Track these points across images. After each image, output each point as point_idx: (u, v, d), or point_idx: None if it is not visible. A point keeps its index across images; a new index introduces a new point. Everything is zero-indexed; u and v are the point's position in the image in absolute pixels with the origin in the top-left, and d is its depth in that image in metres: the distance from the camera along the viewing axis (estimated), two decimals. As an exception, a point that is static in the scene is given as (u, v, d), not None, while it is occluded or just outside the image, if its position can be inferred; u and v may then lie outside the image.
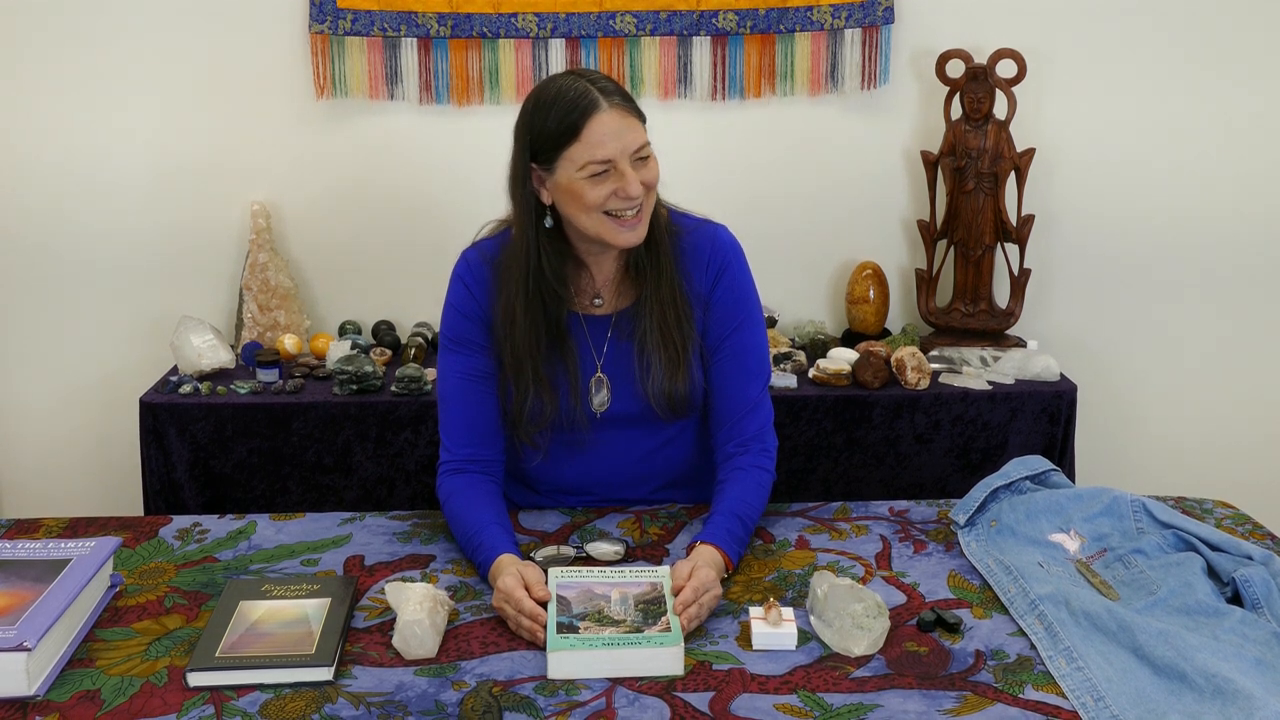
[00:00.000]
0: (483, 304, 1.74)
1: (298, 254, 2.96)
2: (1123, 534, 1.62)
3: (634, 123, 1.62)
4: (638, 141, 1.62)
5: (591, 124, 1.59)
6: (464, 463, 1.73)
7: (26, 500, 3.07)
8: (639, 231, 1.65)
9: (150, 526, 1.74)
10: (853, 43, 2.84)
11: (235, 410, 2.54)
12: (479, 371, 1.74)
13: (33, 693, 1.29)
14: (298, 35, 2.81)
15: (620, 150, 1.60)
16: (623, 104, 1.62)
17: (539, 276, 1.68)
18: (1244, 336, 3.04)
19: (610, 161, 1.60)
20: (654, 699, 1.29)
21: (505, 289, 1.70)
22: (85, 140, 2.86)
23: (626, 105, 1.63)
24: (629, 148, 1.61)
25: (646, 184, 1.63)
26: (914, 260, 2.99)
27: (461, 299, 1.75)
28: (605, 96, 1.61)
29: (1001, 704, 1.28)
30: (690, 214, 1.80)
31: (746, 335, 1.77)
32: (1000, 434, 2.61)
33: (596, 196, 1.61)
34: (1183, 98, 2.89)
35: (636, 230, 1.65)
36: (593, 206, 1.62)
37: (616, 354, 1.75)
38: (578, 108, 1.60)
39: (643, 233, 1.66)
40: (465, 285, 1.75)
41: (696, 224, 1.78)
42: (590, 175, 1.60)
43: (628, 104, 1.63)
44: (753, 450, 1.74)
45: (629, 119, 1.62)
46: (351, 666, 1.36)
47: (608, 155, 1.59)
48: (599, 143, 1.59)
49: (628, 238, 1.65)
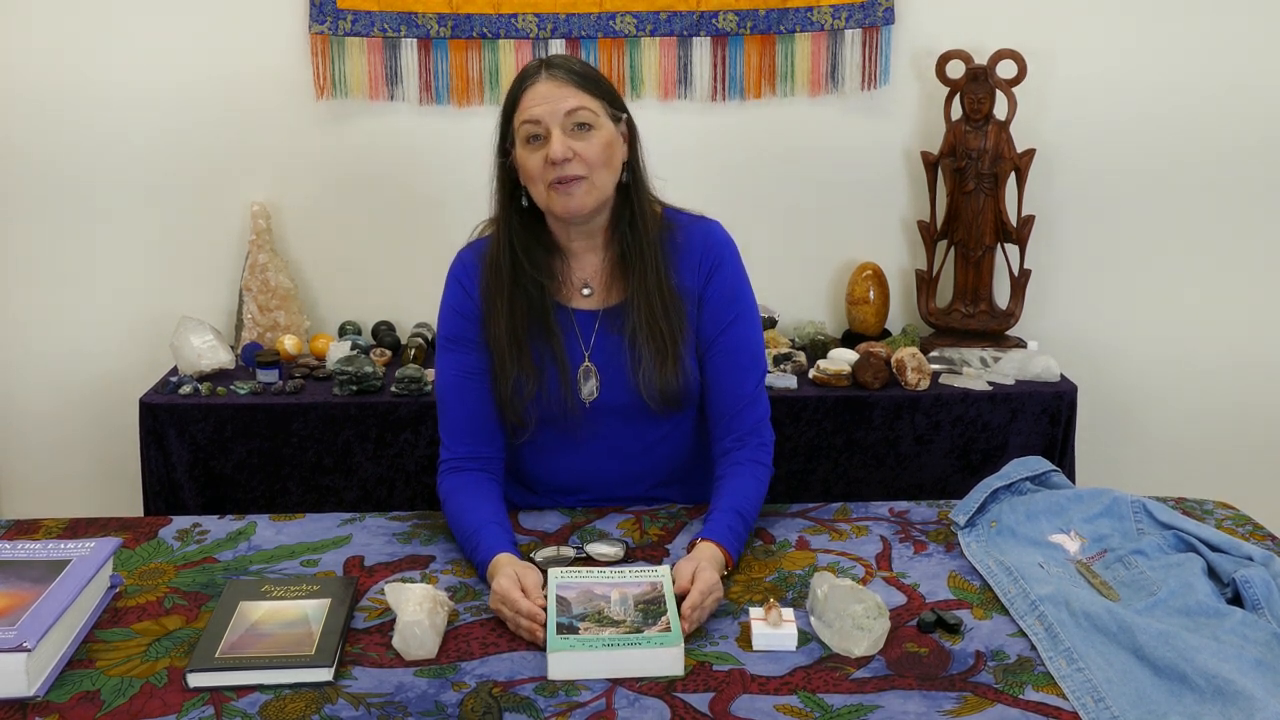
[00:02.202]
0: (478, 302, 1.75)
1: (298, 254, 2.96)
2: (1123, 535, 1.62)
3: (570, 90, 1.65)
4: (568, 105, 1.64)
5: (528, 91, 1.66)
6: (463, 460, 1.73)
7: (26, 500, 3.07)
8: (577, 201, 1.67)
9: (150, 527, 1.73)
10: (853, 43, 2.84)
11: (235, 411, 2.54)
12: (476, 369, 1.74)
13: (32, 693, 1.29)
14: (298, 35, 2.81)
15: (548, 113, 1.64)
16: (562, 75, 1.66)
17: (513, 256, 1.72)
18: (1244, 337, 3.04)
19: (539, 123, 1.64)
20: (654, 700, 1.29)
21: (486, 274, 1.74)
22: (86, 140, 2.86)
23: (567, 76, 1.66)
24: (558, 111, 1.64)
25: (581, 154, 1.64)
26: (914, 261, 2.99)
27: (457, 298, 1.77)
28: (548, 69, 1.67)
29: (1002, 705, 1.28)
30: (684, 210, 1.81)
31: (741, 330, 1.77)
32: (1000, 435, 2.61)
33: (534, 164, 1.66)
34: (1183, 97, 2.89)
35: (574, 199, 1.66)
36: (535, 176, 1.67)
37: (606, 347, 1.76)
38: (521, 81, 1.68)
39: (582, 203, 1.67)
40: (460, 284, 1.77)
41: (690, 220, 1.80)
42: (526, 139, 1.66)
43: (571, 76, 1.66)
44: (750, 445, 1.74)
45: (565, 87, 1.65)
46: (351, 667, 1.36)
47: (535, 116, 1.64)
48: (528, 106, 1.65)
49: (565, 204, 1.67)
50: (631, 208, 1.73)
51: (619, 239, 1.74)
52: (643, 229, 1.73)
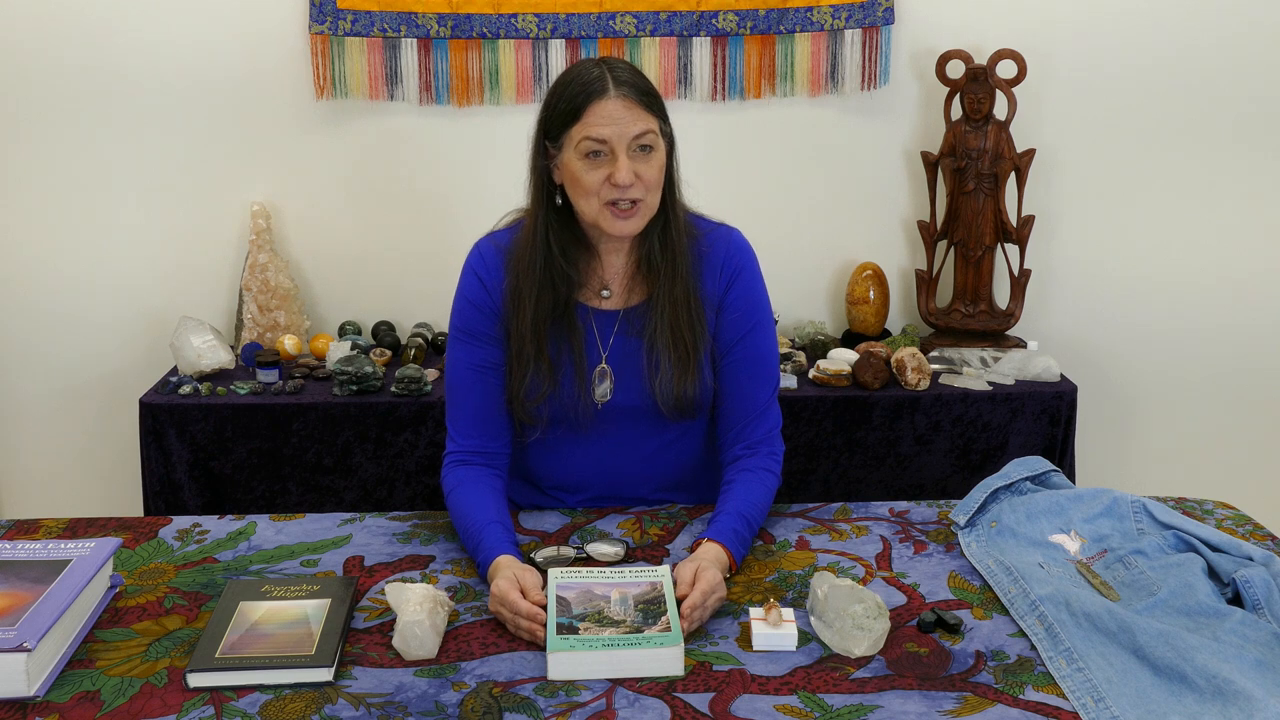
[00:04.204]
0: (494, 294, 1.73)
1: (298, 254, 2.96)
2: (1123, 535, 1.62)
3: (639, 113, 1.62)
4: (636, 129, 1.62)
5: (594, 107, 1.61)
6: (470, 454, 1.73)
7: (26, 500, 3.07)
8: (633, 224, 1.66)
9: (150, 527, 1.73)
10: (853, 43, 2.84)
11: (235, 411, 2.54)
12: (488, 363, 1.74)
13: (33, 693, 1.29)
14: (298, 35, 2.81)
15: (617, 135, 1.61)
16: (632, 94, 1.62)
17: (547, 253, 1.69)
18: (1244, 336, 3.04)
19: (605, 143, 1.61)
20: (654, 700, 1.29)
21: (515, 267, 1.72)
22: (86, 139, 2.86)
23: (636, 96, 1.63)
24: (626, 134, 1.61)
25: (642, 177, 1.63)
26: (914, 261, 2.99)
27: (473, 289, 1.75)
28: (615, 85, 1.62)
29: (1002, 705, 1.28)
30: (705, 216, 1.80)
31: (758, 340, 1.77)
32: (1000, 435, 2.61)
33: (592, 181, 1.63)
34: (1184, 95, 2.89)
35: (631, 222, 1.65)
36: (590, 192, 1.64)
37: (623, 349, 1.75)
38: (585, 91, 1.62)
39: (638, 225, 1.66)
40: (477, 275, 1.75)
41: (711, 227, 1.79)
42: (585, 155, 1.62)
43: (639, 96, 1.63)
44: (760, 453, 1.74)
45: (634, 109, 1.62)
46: (351, 667, 1.36)
47: (602, 135, 1.61)
48: (595, 124, 1.61)
49: (621, 227, 1.65)
50: (666, 216, 1.71)
51: (648, 244, 1.72)
52: (675, 237, 1.72)
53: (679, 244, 1.72)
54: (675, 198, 1.73)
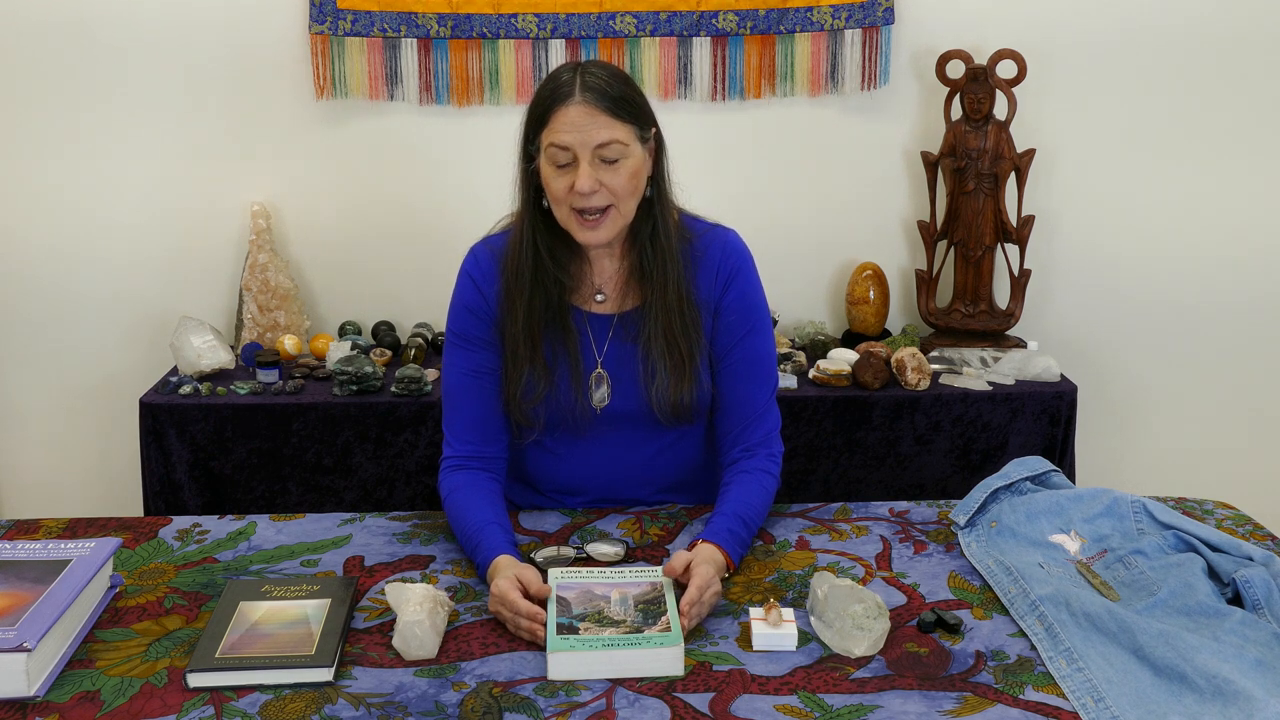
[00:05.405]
0: (490, 299, 1.73)
1: (298, 254, 2.96)
2: (1123, 535, 1.62)
3: (604, 120, 1.59)
4: (599, 138, 1.59)
5: (558, 112, 1.60)
6: (466, 459, 1.73)
7: (26, 500, 3.07)
8: (602, 233, 1.64)
9: (150, 527, 1.73)
10: (853, 43, 2.84)
11: (235, 411, 2.54)
12: (484, 368, 1.73)
13: (33, 693, 1.29)
14: (298, 35, 2.81)
15: (579, 142, 1.59)
16: (598, 101, 1.59)
17: (535, 255, 1.69)
18: (1244, 336, 3.04)
19: (568, 149, 1.60)
20: (654, 700, 1.29)
21: (506, 269, 1.71)
22: (86, 139, 2.86)
23: (602, 103, 1.59)
24: (589, 142, 1.59)
25: (607, 185, 1.61)
26: (914, 261, 2.99)
27: (468, 294, 1.75)
28: (582, 91, 1.60)
29: (1002, 705, 1.28)
30: (701, 218, 1.79)
31: (755, 342, 1.76)
32: (1000, 435, 2.61)
33: (559, 188, 1.62)
34: (1184, 96, 2.89)
35: (599, 231, 1.64)
36: (558, 199, 1.63)
37: (619, 354, 1.74)
38: (553, 95, 1.61)
39: (607, 234, 1.65)
40: (472, 280, 1.75)
41: (706, 228, 1.77)
42: (552, 162, 1.61)
43: (606, 103, 1.60)
44: (759, 455, 1.74)
45: (598, 117, 1.59)
46: (351, 667, 1.36)
47: (563, 142, 1.59)
48: (559, 129, 1.60)
49: (589, 236, 1.65)
50: (654, 220, 1.70)
51: (639, 249, 1.71)
52: (664, 242, 1.70)
53: (670, 249, 1.70)
54: (665, 201, 1.71)
